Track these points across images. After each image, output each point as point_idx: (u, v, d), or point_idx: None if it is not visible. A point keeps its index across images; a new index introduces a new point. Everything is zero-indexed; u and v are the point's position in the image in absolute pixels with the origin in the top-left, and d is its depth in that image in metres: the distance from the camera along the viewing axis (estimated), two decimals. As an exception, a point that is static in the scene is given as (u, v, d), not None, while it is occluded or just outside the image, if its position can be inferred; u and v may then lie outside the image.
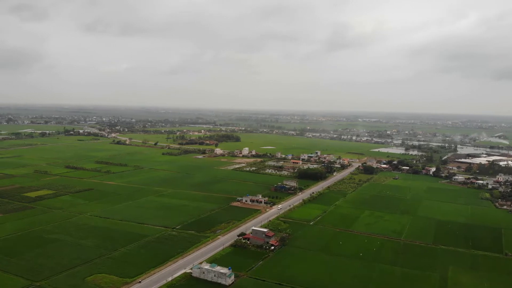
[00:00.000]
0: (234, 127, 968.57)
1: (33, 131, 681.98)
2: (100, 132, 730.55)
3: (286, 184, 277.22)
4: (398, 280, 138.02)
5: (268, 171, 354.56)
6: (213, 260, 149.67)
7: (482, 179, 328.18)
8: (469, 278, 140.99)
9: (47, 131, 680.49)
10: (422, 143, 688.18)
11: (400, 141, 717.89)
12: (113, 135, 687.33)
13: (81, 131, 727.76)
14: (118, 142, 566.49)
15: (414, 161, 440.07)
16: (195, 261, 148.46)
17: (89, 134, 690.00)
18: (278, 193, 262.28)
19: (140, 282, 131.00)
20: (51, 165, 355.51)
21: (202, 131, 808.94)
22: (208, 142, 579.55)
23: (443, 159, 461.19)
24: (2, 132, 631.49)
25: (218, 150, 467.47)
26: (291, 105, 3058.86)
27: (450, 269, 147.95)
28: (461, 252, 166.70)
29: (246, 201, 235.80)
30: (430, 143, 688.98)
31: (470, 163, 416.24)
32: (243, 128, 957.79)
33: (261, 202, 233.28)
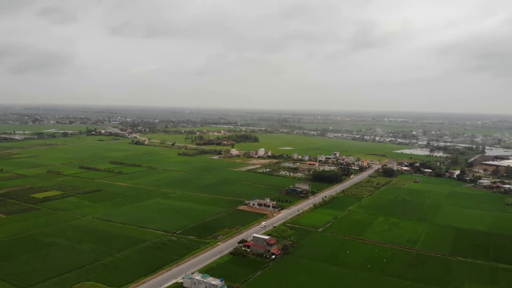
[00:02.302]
0: (254, 127, 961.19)
1: (56, 131, 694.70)
2: (121, 132, 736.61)
3: (297, 187, 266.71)
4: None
5: (282, 172, 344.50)
6: (209, 269, 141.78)
7: (509, 183, 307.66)
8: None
9: (70, 131, 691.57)
10: (448, 144, 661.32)
11: (425, 142, 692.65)
12: (133, 135, 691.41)
13: (102, 131, 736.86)
14: (137, 142, 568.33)
15: (438, 163, 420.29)
16: (190, 270, 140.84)
17: (110, 134, 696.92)
18: (288, 197, 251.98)
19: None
20: (66, 165, 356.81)
21: (222, 131, 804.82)
22: (225, 142, 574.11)
23: (469, 161, 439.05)
24: (25, 132, 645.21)
25: (234, 151, 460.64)
26: (315, 106, 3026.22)
27: (465, 284, 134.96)
28: (480, 265, 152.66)
29: (253, 204, 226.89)
30: (457, 144, 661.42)
31: (497, 166, 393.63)
32: (263, 128, 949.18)
33: (269, 206, 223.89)
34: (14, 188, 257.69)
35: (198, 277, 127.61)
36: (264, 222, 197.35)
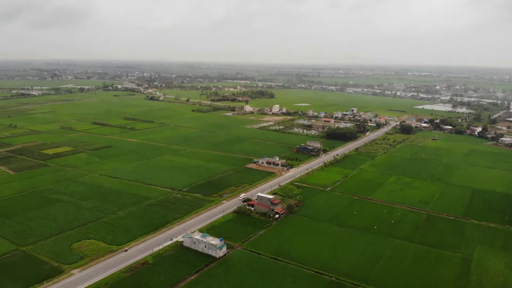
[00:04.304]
0: (272, 83, 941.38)
1: (73, 87, 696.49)
2: (137, 87, 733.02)
3: (309, 145, 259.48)
4: (409, 262, 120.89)
5: (296, 130, 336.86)
6: (211, 228, 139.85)
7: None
8: (497, 261, 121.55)
9: (86, 87, 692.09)
10: (472, 99, 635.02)
11: (448, 97, 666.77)
12: (149, 90, 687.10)
13: (119, 86, 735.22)
14: (152, 98, 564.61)
15: (460, 120, 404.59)
16: (192, 228, 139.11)
17: (126, 89, 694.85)
18: (299, 155, 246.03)
19: (126, 250, 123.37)
20: (80, 121, 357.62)
21: (238, 87, 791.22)
22: (240, 98, 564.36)
23: (492, 117, 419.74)
24: (43, 88, 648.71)
25: (248, 107, 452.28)
26: (337, 60, 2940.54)
27: (476, 249, 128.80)
28: (494, 228, 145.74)
29: (262, 163, 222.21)
30: (481, 100, 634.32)
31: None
32: (281, 84, 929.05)
33: (277, 164, 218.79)
34: (26, 144, 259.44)
35: (197, 236, 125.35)
36: (244, 194, 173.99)
